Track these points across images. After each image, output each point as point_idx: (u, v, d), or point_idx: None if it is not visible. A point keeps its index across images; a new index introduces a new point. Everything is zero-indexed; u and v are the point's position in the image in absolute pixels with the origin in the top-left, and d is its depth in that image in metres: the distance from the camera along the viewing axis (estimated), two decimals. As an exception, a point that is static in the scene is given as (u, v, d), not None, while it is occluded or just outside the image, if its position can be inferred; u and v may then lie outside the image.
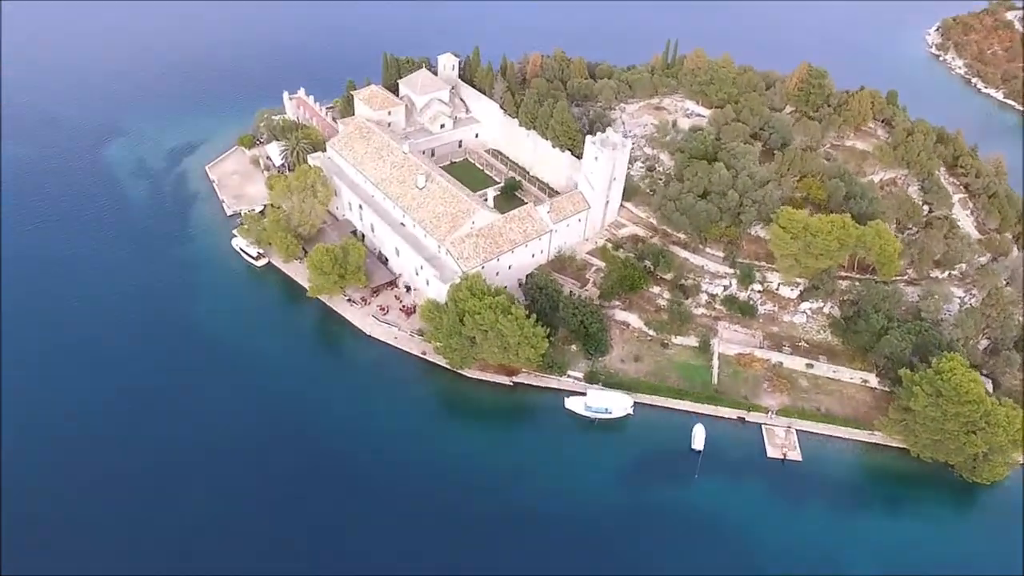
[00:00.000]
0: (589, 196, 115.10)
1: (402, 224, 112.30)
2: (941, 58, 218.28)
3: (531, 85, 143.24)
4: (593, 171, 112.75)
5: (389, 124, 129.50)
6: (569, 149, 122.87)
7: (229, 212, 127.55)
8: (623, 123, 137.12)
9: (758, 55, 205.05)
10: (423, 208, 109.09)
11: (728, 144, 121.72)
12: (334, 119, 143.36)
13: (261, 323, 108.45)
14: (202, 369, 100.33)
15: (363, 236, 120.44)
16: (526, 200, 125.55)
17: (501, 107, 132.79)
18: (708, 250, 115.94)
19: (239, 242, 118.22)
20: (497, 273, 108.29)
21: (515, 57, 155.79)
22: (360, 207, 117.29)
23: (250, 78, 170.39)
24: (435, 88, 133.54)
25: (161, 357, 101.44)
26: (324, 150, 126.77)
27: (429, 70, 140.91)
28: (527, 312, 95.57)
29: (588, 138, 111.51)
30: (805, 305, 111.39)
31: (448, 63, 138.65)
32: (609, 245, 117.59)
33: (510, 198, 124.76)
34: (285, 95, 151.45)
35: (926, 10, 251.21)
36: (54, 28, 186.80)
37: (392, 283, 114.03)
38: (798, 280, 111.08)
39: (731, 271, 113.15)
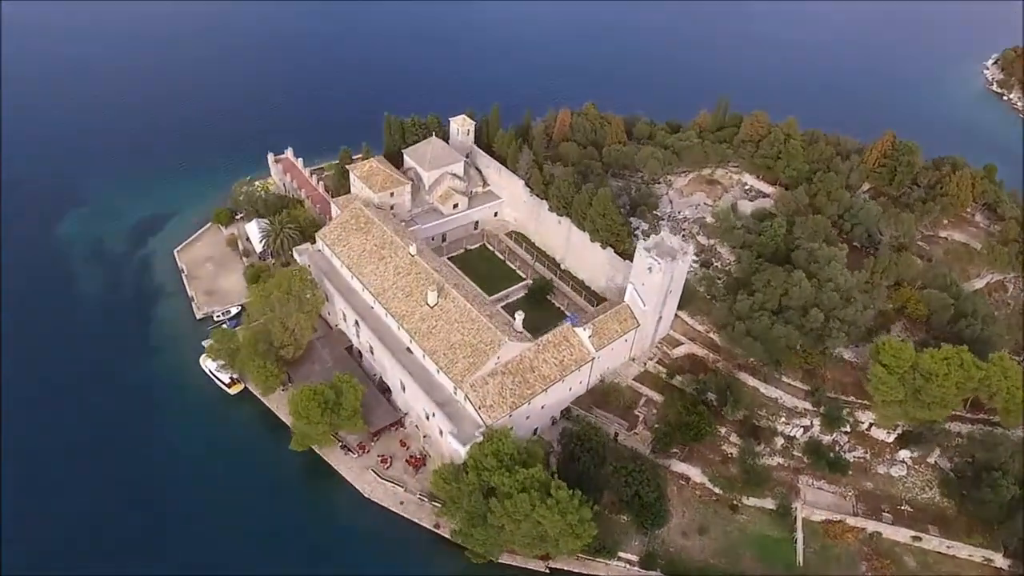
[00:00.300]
0: (639, 312, 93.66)
1: (408, 350, 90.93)
2: (1005, 96, 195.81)
3: (559, 151, 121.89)
4: (645, 283, 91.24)
5: (392, 207, 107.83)
6: (612, 245, 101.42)
7: (199, 314, 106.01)
8: (671, 202, 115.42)
9: (806, 98, 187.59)
10: (435, 335, 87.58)
11: (805, 242, 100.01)
12: (327, 189, 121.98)
13: (229, 476, 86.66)
14: (144, 547, 79.28)
15: (360, 354, 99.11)
16: (558, 304, 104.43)
17: (527, 183, 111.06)
18: (784, 378, 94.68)
19: (209, 363, 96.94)
20: (527, 417, 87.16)
21: (539, 110, 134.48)
22: (356, 323, 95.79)
23: (232, 131, 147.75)
24: (447, 161, 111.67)
25: (96, 523, 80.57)
26: (313, 240, 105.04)
27: (439, 134, 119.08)
28: (565, 479, 74.59)
29: (639, 244, 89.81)
30: (905, 453, 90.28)
31: (462, 127, 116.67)
32: (662, 371, 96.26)
33: (539, 302, 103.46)
34: (270, 157, 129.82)
35: (982, 42, 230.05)
36: (12, 63, 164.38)
37: (398, 423, 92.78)
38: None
39: (813, 408, 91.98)
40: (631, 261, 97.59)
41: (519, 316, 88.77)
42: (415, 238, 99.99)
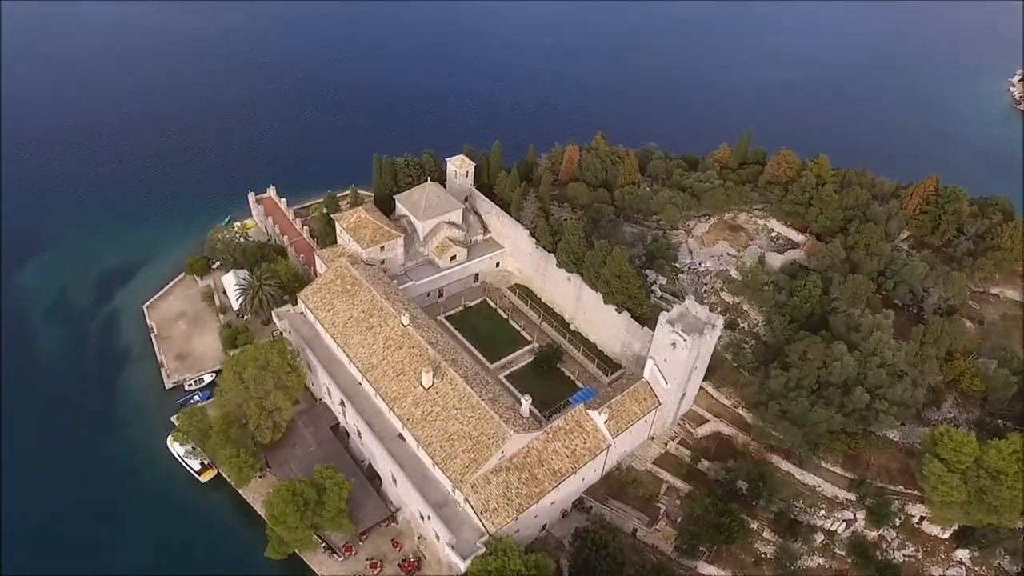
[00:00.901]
0: (660, 390, 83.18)
1: (400, 437, 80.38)
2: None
3: (567, 191, 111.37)
4: (668, 359, 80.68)
5: (383, 261, 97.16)
6: (628, 309, 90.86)
7: (169, 383, 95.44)
8: (691, 252, 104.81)
9: (824, 122, 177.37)
10: (430, 423, 76.98)
11: (844, 305, 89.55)
12: (312, 234, 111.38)
13: (197, 584, 76.73)
14: None
15: (347, 433, 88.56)
16: (568, 372, 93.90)
17: (532, 234, 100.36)
18: (823, 463, 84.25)
19: (177, 447, 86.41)
20: (535, 516, 76.72)
21: (544, 142, 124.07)
22: (342, 403, 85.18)
23: (212, 166, 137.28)
24: (444, 209, 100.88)
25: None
26: (295, 300, 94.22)
27: (435, 174, 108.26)
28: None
29: (662, 317, 79.13)
30: (963, 553, 79.95)
31: (460, 169, 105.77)
32: (686, 454, 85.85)
33: (548, 371, 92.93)
34: (251, 197, 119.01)
35: (996, 53, 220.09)
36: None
37: (389, 519, 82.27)
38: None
39: (856, 499, 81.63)
40: (650, 330, 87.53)
41: (526, 401, 78.18)
42: (408, 304, 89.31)
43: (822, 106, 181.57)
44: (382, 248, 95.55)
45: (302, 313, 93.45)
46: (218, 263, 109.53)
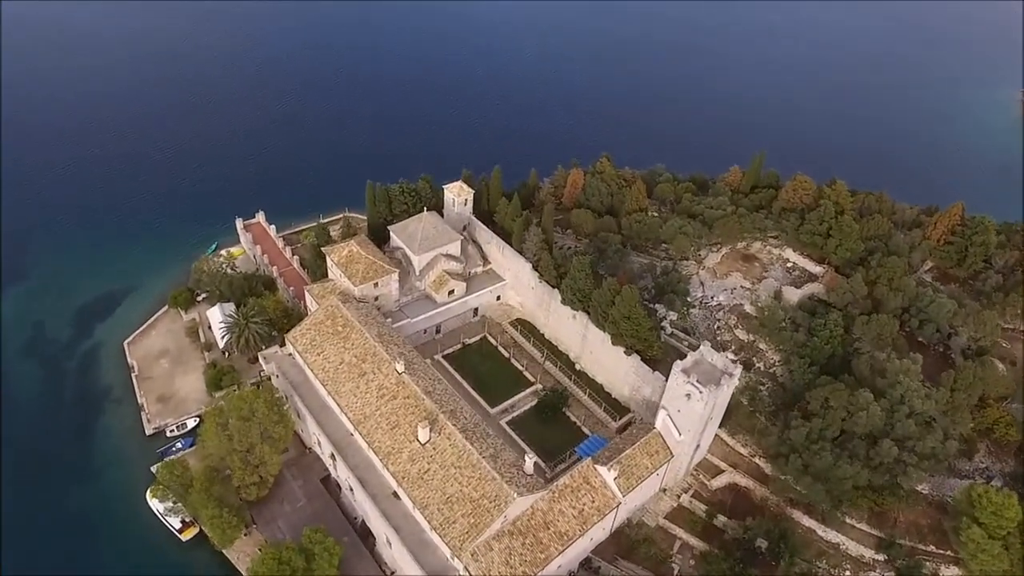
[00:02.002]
0: (673, 442, 77.68)
1: (395, 494, 74.82)
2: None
3: (571, 219, 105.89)
4: (682, 410, 75.17)
5: (377, 297, 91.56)
6: (638, 352, 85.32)
7: (150, 429, 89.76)
8: (702, 284, 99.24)
9: (831, 128, 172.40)
10: (427, 483, 71.38)
11: (867, 346, 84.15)
12: (302, 263, 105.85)
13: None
14: None
15: (339, 486, 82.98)
16: (574, 417, 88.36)
17: (535, 267, 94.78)
18: (847, 519, 78.74)
19: (157, 503, 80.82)
20: (540, 582, 71.31)
21: (547, 164, 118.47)
22: (333, 456, 79.59)
23: (200, 189, 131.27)
24: (441, 241, 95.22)
25: None
26: (283, 340, 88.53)
27: (431, 201, 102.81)
28: None
29: (676, 366, 73.59)
30: (999, 617, 74.69)
31: (459, 197, 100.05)
32: (701, 508, 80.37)
33: (552, 417, 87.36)
34: (238, 223, 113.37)
35: (1000, 57, 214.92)
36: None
37: (382, 582, 76.85)
38: None
39: (884, 560, 76.19)
40: (662, 374, 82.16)
41: (529, 460, 72.52)
42: (403, 347, 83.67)
43: (832, 119, 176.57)
44: (376, 284, 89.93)
45: (290, 355, 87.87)
46: (203, 295, 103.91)
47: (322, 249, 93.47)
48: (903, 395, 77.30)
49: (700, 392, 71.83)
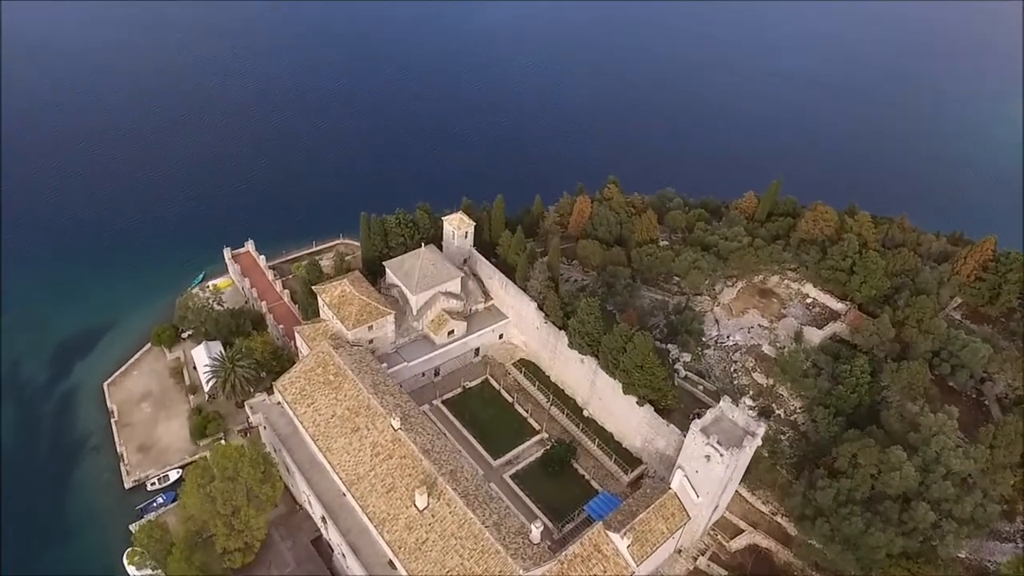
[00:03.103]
0: (690, 503, 72.09)
1: (391, 564, 69.14)
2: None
3: (578, 250, 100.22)
4: (700, 471, 69.61)
5: (371, 340, 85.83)
6: (651, 402, 79.66)
7: (129, 482, 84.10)
8: (717, 322, 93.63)
9: (843, 143, 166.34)
10: (425, 554, 65.71)
11: (897, 395, 78.57)
12: (293, 297, 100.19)
13: None
14: None
15: (331, 547, 77.29)
16: (582, 470, 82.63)
17: (540, 307, 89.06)
18: (878, 586, 73.28)
19: (134, 569, 75.12)
20: (548, 663, 65.71)
21: (549, 192, 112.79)
22: (324, 519, 73.90)
23: (187, 215, 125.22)
24: (440, 279, 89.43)
25: None
26: (271, 386, 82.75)
27: (429, 232, 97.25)
28: None
29: (694, 425, 68.03)
30: None
31: (459, 229, 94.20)
32: (719, 572, 74.59)
33: (560, 470, 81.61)
34: (226, 253, 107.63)
35: (1002, 66, 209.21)
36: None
37: (377, 660, 71.21)
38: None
39: (919, 631, 70.69)
40: (676, 427, 76.71)
41: (535, 529, 66.91)
42: (399, 397, 77.93)
43: (846, 135, 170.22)
44: (370, 327, 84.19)
45: (279, 403, 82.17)
46: (188, 333, 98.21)
47: (313, 288, 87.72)
48: (939, 453, 71.78)
49: (721, 455, 66.34)
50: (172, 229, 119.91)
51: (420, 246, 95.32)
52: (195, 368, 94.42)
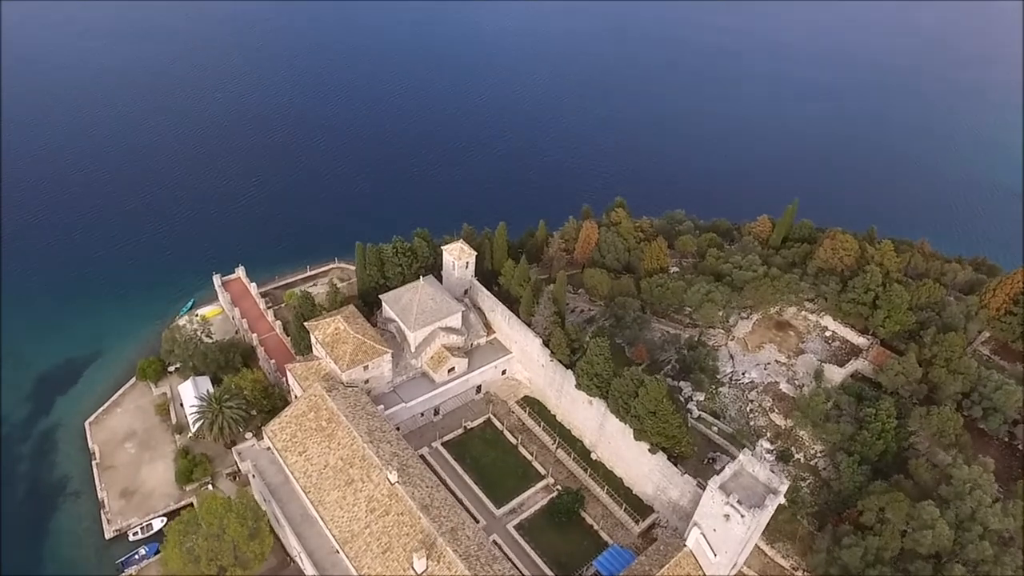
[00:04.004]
0: (707, 562, 67.38)
1: (387, 631, 64.53)
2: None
3: (584, 279, 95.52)
4: (718, 530, 64.95)
5: (367, 380, 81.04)
6: (664, 449, 74.90)
7: (110, 531, 79.14)
8: (731, 357, 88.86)
9: (855, 158, 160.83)
10: (424, 624, 61.27)
11: (925, 442, 73.87)
12: (285, 328, 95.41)
13: None
14: None
15: (323, 606, 72.64)
16: (590, 520, 77.83)
17: (545, 343, 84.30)
18: (908, 651, 68.57)
19: (111, 631, 70.59)
20: None
21: (554, 215, 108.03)
22: (315, 580, 69.29)
23: (177, 237, 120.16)
24: (439, 314, 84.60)
25: None
26: (260, 430, 78.00)
27: (428, 262, 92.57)
28: None
29: (712, 482, 63.23)
30: None
31: (459, 259, 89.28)
32: (739, 638, 70.20)
33: (567, 520, 76.82)
34: (216, 280, 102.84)
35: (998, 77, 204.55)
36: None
37: None
38: None
39: None
40: (691, 477, 72.10)
41: (544, 598, 62.37)
42: (397, 445, 73.11)
43: (854, 150, 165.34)
44: (366, 367, 79.40)
45: (269, 449, 77.42)
46: (175, 367, 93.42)
47: (305, 325, 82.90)
48: (974, 509, 67.12)
49: (741, 516, 61.64)
50: (160, 253, 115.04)
51: (418, 276, 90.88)
52: (182, 405, 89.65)
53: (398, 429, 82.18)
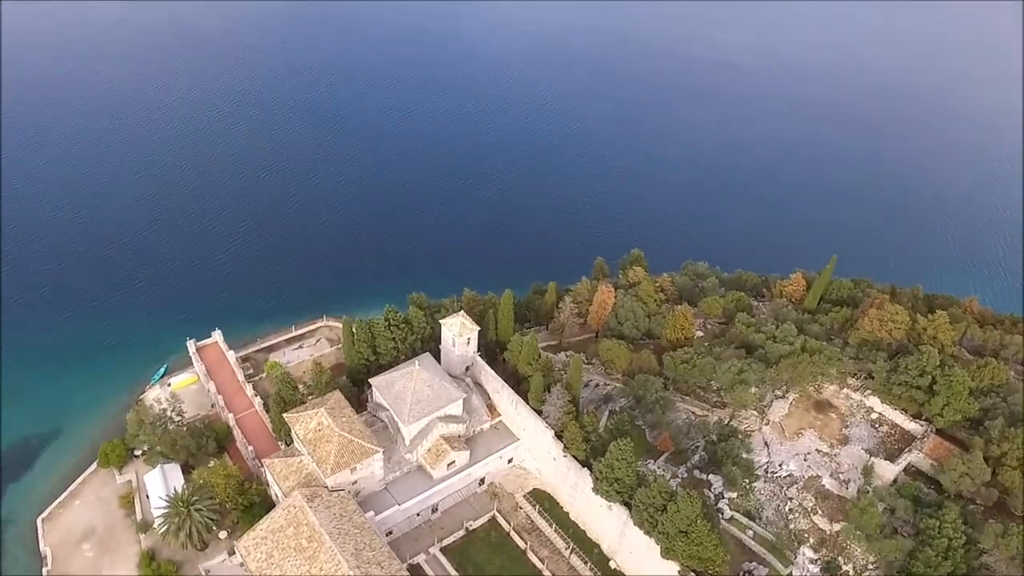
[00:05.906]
0: None
1: None
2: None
3: (600, 351, 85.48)
4: None
5: (355, 481, 71.03)
6: (696, 572, 64.90)
7: (60, 658, 69.49)
8: (766, 444, 78.85)
9: (879, 193, 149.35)
10: None
11: (1002, 566, 63.99)
12: (266, 405, 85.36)
13: None
14: None
15: None
16: (610, 648, 68.02)
17: (558, 435, 74.26)
18: None
19: None
20: None
21: (565, 272, 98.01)
22: None
23: (148, 288, 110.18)
24: (437, 404, 74.38)
25: None
26: (235, 527, 68.10)
27: (426, 333, 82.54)
28: None
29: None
30: None
31: (460, 336, 78.75)
32: None
33: (581, 648, 67.13)
34: (191, 345, 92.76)
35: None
36: None
37: None
38: None
39: None
40: (732, 611, 62.12)
41: None
42: (389, 569, 63.18)
43: (885, 190, 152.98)
44: (352, 469, 69.34)
45: (242, 565, 67.50)
46: (142, 451, 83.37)
47: (284, 417, 72.79)
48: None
49: None
50: (133, 310, 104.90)
51: (414, 349, 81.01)
52: (148, 497, 79.64)
53: (390, 533, 72.64)
